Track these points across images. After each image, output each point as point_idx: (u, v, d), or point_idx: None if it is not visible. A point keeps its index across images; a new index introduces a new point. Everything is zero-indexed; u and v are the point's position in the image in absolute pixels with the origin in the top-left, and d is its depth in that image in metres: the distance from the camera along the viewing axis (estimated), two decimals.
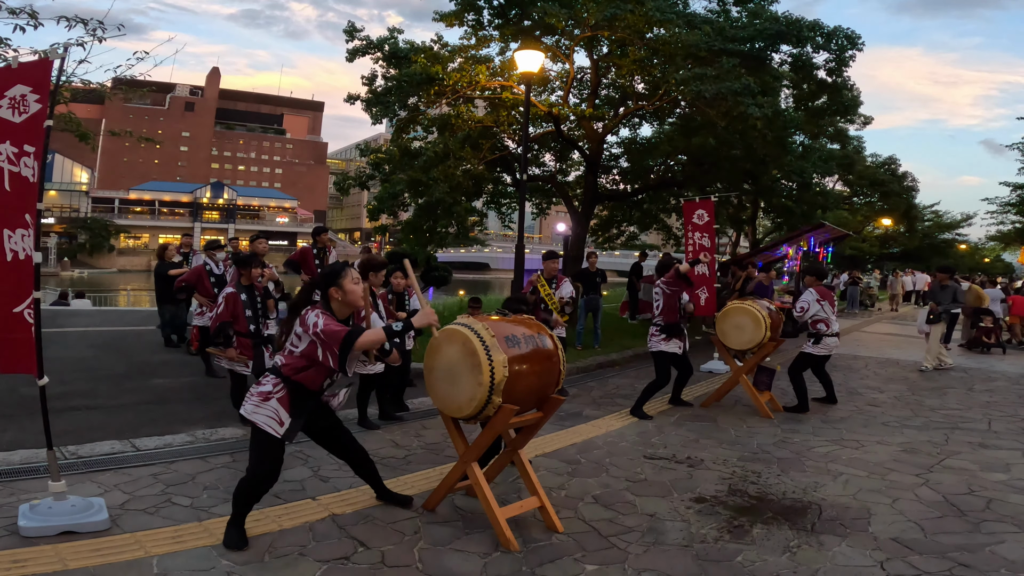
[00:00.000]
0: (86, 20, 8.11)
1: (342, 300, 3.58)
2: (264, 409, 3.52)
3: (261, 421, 3.51)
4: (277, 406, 3.53)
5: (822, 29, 12.27)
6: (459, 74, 12.25)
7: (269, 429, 3.51)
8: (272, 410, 3.52)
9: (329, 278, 3.60)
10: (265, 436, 3.51)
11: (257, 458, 3.53)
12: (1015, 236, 30.91)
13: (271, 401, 3.53)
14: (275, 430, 3.51)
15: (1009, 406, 8.03)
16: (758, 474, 5.11)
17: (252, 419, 3.52)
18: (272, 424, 3.51)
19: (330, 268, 3.66)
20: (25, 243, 3.60)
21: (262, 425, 3.51)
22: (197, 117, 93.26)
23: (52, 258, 60.37)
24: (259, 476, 3.53)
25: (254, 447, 3.56)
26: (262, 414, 3.51)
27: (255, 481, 3.53)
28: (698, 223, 9.96)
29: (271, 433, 3.51)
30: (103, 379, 7.59)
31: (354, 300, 3.61)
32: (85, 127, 11.60)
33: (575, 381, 8.55)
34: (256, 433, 3.55)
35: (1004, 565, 3.64)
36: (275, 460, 3.56)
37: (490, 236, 61.42)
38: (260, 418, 3.51)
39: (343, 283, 3.56)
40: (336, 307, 3.59)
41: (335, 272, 3.60)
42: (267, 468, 3.53)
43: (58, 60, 3.70)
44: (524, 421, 4.03)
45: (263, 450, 3.53)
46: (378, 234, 16.12)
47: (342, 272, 3.59)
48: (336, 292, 3.57)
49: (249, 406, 3.55)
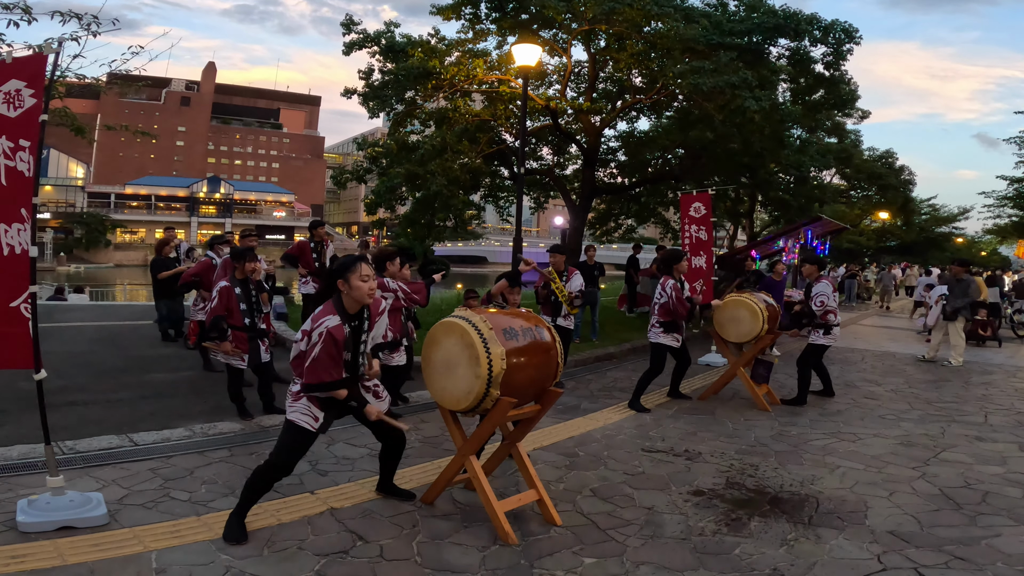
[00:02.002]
0: (80, 15, 8.08)
1: (347, 294, 3.58)
2: (298, 406, 3.59)
3: (296, 418, 3.57)
4: (308, 403, 3.59)
5: (820, 23, 12.24)
6: (456, 68, 12.21)
7: (305, 425, 3.57)
8: (304, 406, 3.59)
9: (338, 271, 3.59)
10: (298, 429, 3.57)
11: (285, 448, 3.58)
12: (1012, 230, 30.98)
13: (302, 400, 3.59)
14: (310, 425, 3.58)
15: (1005, 399, 8.06)
16: (756, 467, 5.13)
17: (290, 418, 3.59)
18: (307, 420, 3.58)
19: (343, 261, 3.64)
20: (21, 237, 3.60)
21: (298, 422, 3.57)
22: (193, 112, 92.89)
23: (48, 253, 60.16)
24: (279, 465, 3.57)
25: (285, 438, 3.61)
26: (297, 411, 3.58)
27: (274, 469, 3.57)
28: (695, 216, 9.96)
29: (306, 428, 3.57)
30: (100, 374, 7.57)
31: (360, 297, 3.58)
32: (80, 122, 11.55)
33: (573, 374, 8.55)
34: (289, 424, 3.60)
35: (1000, 558, 3.66)
36: (298, 453, 3.63)
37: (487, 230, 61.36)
38: (295, 416, 3.58)
39: (351, 278, 3.54)
40: (345, 299, 3.60)
41: (345, 266, 3.59)
42: (290, 459, 3.59)
43: (52, 55, 3.69)
44: (522, 414, 4.04)
45: (293, 442, 3.59)
46: (375, 228, 16.14)
47: (352, 267, 3.55)
48: (342, 285, 3.57)
49: (287, 407, 3.64)
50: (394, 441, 4.05)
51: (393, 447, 4.08)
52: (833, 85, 14.30)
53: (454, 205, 13.11)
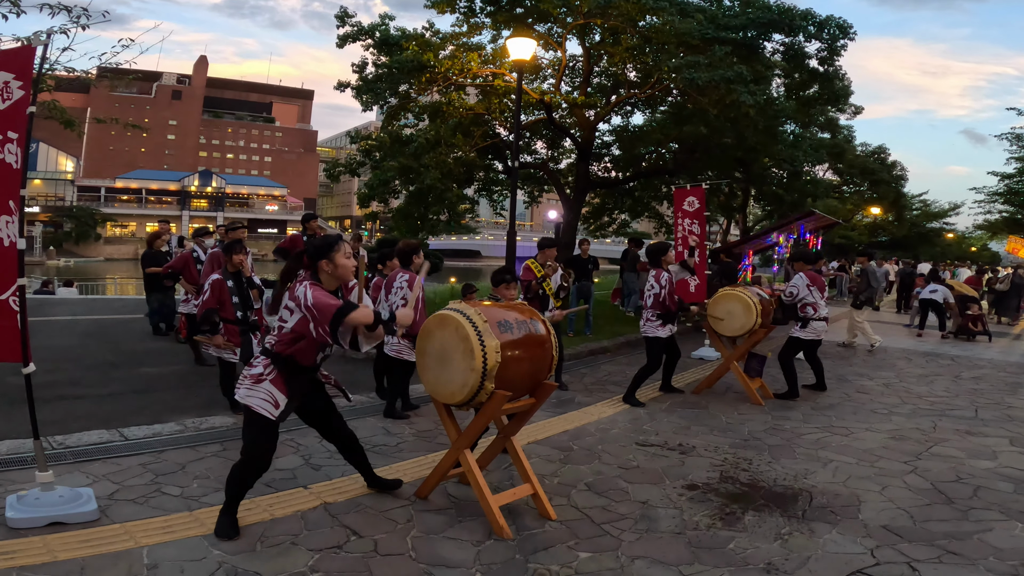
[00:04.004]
0: (69, 7, 8.01)
1: (331, 273, 3.51)
2: (258, 392, 3.47)
3: (256, 404, 3.46)
4: (271, 387, 3.48)
5: (814, 18, 12.23)
6: (451, 61, 12.13)
7: (264, 412, 3.46)
8: (266, 392, 3.47)
9: (322, 250, 3.50)
10: (259, 418, 3.47)
11: (251, 441, 3.50)
12: (1003, 225, 31.15)
13: (264, 383, 3.48)
14: (270, 412, 3.47)
15: (995, 393, 8.11)
16: (749, 461, 5.14)
17: (246, 403, 3.47)
18: (267, 406, 3.46)
19: (323, 239, 3.56)
20: (9, 230, 3.55)
21: (257, 408, 3.46)
22: (185, 105, 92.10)
23: (38, 247, 59.67)
24: (252, 460, 3.49)
25: (247, 430, 3.52)
26: (256, 397, 3.46)
27: (248, 465, 3.50)
28: (688, 210, 9.94)
29: (265, 415, 3.46)
30: (90, 368, 7.51)
31: (344, 275, 3.54)
32: (70, 115, 11.45)
33: (567, 368, 8.55)
34: (250, 416, 3.50)
35: (992, 553, 3.67)
36: (269, 443, 3.53)
37: (481, 224, 61.31)
38: (255, 401, 3.46)
39: (335, 257, 3.49)
40: (324, 279, 3.51)
41: (328, 244, 3.51)
42: (260, 451, 3.50)
43: (41, 47, 3.64)
44: (517, 407, 4.02)
45: (256, 433, 3.49)
46: (368, 221, 16.02)
47: (336, 245, 3.51)
48: (327, 265, 3.49)
49: (243, 390, 3.50)
50: (343, 438, 4.01)
51: (347, 443, 4.04)
52: (827, 81, 14.32)
53: (448, 199, 13.07)
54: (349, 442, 4.05)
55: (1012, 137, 26.12)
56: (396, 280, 6.07)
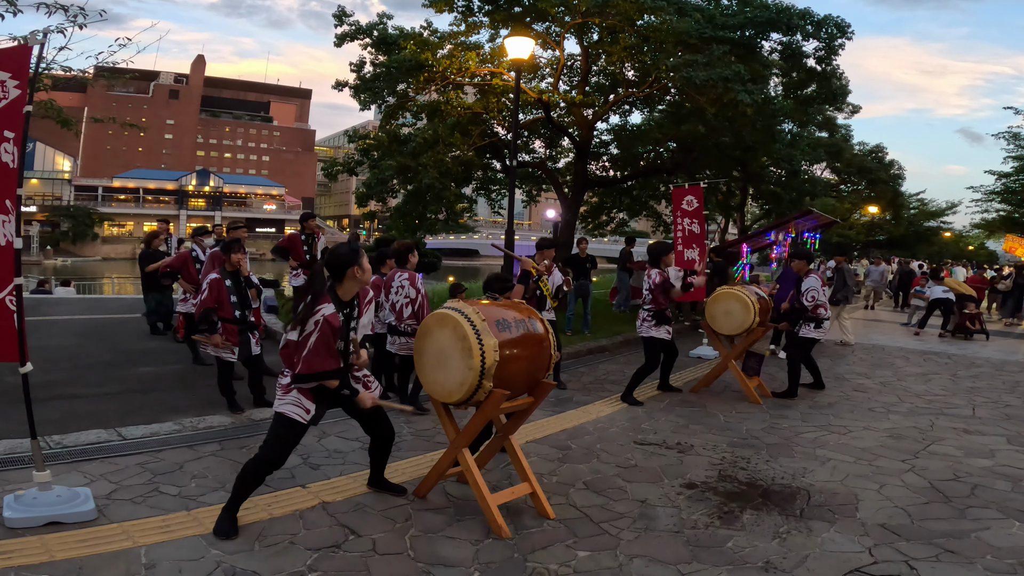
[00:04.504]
0: (66, 7, 8.00)
1: (356, 279, 3.62)
2: (288, 398, 3.56)
3: (287, 411, 3.55)
4: (299, 396, 3.56)
5: (812, 17, 12.23)
6: (449, 60, 12.12)
7: (296, 417, 3.55)
8: (295, 398, 3.56)
9: (349, 258, 3.60)
10: (290, 422, 3.55)
11: (275, 440, 3.56)
12: (1000, 224, 31.19)
13: (292, 392, 3.56)
14: (301, 417, 3.56)
15: (992, 392, 8.13)
16: (747, 460, 5.14)
17: (280, 411, 3.56)
18: (298, 412, 3.56)
19: (351, 247, 3.68)
20: (6, 229, 3.55)
21: (289, 414, 3.54)
22: (182, 104, 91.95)
23: (35, 246, 59.56)
24: (269, 459, 3.55)
25: (275, 430, 3.59)
26: (287, 403, 3.56)
27: (264, 463, 3.55)
28: (687, 209, 9.95)
29: (297, 420, 3.55)
30: (88, 367, 7.50)
31: (367, 279, 3.69)
32: (67, 115, 11.43)
33: (565, 367, 8.54)
34: (279, 417, 3.57)
35: (990, 551, 3.68)
36: (290, 445, 3.61)
37: (479, 223, 61.28)
38: (287, 408, 3.56)
39: (363, 262, 3.63)
40: (349, 287, 3.62)
41: (356, 251, 3.64)
42: (278, 451, 3.57)
43: (38, 46, 3.64)
44: (515, 406, 4.02)
45: (284, 435, 3.57)
46: (367, 220, 16.02)
47: (360, 252, 3.66)
48: (356, 272, 3.60)
49: (276, 400, 3.61)
50: (383, 434, 4.03)
51: (383, 440, 4.06)
52: (825, 80, 14.32)
53: (446, 198, 13.06)
54: (385, 441, 4.07)
55: (1009, 136, 26.19)
56: (395, 280, 6.09)
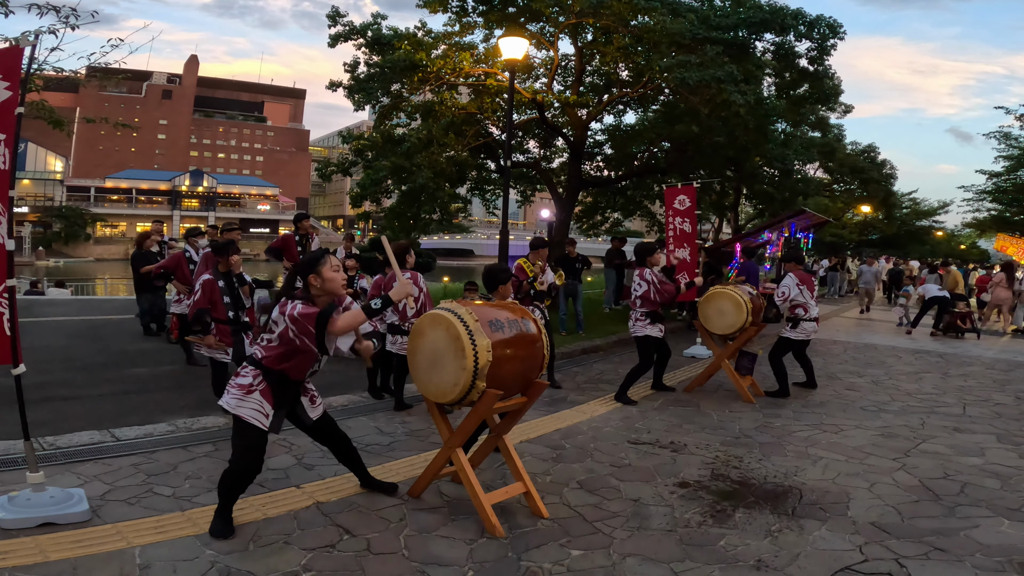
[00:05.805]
0: (58, 8, 7.98)
1: (321, 287, 3.54)
2: (248, 402, 3.51)
3: (246, 415, 3.50)
4: (260, 399, 3.52)
5: (805, 18, 12.30)
6: (443, 61, 12.13)
7: (255, 422, 3.50)
8: (256, 403, 3.51)
9: (308, 265, 3.56)
10: (250, 428, 3.50)
11: (241, 449, 3.52)
12: (991, 223, 31.35)
13: (254, 394, 3.52)
14: (261, 423, 3.51)
15: (983, 391, 8.19)
16: (740, 459, 5.17)
17: (236, 413, 3.50)
18: (258, 417, 3.51)
19: (309, 256, 3.64)
20: None
21: (247, 419, 3.49)
22: (175, 105, 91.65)
23: (27, 247, 59.22)
24: (242, 468, 3.51)
25: (237, 438, 3.54)
26: (247, 407, 3.50)
27: (238, 473, 3.52)
28: (679, 208, 9.97)
29: (257, 426, 3.50)
30: (81, 368, 7.48)
31: (333, 288, 3.57)
32: (59, 115, 11.39)
33: (559, 366, 8.56)
34: (239, 425, 3.52)
35: (979, 549, 3.71)
36: (259, 451, 3.55)
37: (474, 223, 61.22)
38: (245, 411, 3.50)
39: (322, 270, 3.53)
40: (315, 294, 3.55)
41: (314, 259, 3.58)
42: (250, 459, 3.52)
43: (29, 47, 3.63)
44: (508, 406, 4.04)
45: (247, 442, 3.51)
46: (361, 221, 15.99)
47: (321, 259, 3.57)
48: (315, 279, 3.53)
49: (232, 400, 3.52)
50: (336, 440, 4.03)
51: (339, 445, 4.06)
52: (817, 80, 14.40)
53: (440, 198, 13.06)
54: (341, 443, 4.06)
55: (1000, 136, 26.34)
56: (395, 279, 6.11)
